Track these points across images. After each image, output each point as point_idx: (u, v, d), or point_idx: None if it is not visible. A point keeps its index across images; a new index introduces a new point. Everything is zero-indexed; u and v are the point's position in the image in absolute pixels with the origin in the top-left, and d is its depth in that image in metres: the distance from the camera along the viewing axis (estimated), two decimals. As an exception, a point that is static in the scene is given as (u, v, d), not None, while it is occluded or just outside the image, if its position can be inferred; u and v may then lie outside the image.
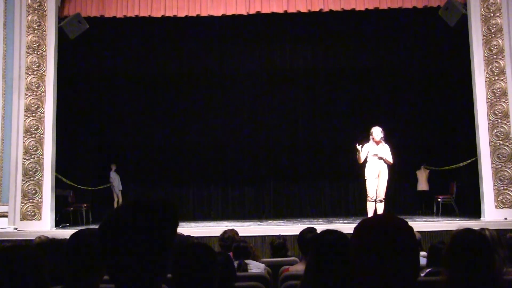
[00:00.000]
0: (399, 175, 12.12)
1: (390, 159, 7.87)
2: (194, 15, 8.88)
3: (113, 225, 1.23)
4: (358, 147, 7.81)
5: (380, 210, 7.78)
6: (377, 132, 7.87)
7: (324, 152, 12.28)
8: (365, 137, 8.22)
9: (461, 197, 10.62)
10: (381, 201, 7.81)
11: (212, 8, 8.82)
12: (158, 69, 12.16)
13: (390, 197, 11.73)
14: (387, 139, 8.14)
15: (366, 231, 1.33)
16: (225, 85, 12.64)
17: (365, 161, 7.92)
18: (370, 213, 7.87)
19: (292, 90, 12.59)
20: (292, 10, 8.86)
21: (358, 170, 8.64)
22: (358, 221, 1.43)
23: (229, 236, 4.68)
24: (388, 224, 1.32)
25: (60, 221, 9.47)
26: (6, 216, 8.06)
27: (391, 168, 11.84)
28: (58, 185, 9.08)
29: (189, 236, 4.99)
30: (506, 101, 8.12)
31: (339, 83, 12.54)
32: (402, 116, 12.30)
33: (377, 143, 7.85)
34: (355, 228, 1.37)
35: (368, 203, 7.89)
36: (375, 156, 7.77)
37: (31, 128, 8.23)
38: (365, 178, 7.92)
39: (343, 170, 12.07)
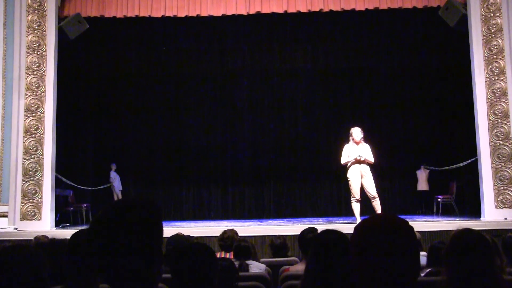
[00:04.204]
0: (399, 175, 12.15)
1: (372, 159, 7.87)
2: (194, 15, 8.88)
3: (101, 226, 1.24)
4: (360, 157, 7.81)
5: (378, 207, 7.78)
6: (357, 132, 7.89)
7: (324, 152, 12.27)
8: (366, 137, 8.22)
9: (461, 197, 10.63)
10: (374, 198, 7.81)
11: (212, 8, 8.82)
12: (158, 69, 12.16)
13: (390, 197, 11.81)
14: (365, 138, 8.11)
15: (367, 230, 1.33)
16: (225, 85, 12.65)
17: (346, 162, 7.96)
18: (356, 213, 7.90)
19: (292, 90, 12.59)
20: (292, 10, 8.86)
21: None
22: (358, 221, 1.43)
23: (229, 236, 4.68)
24: (389, 224, 1.32)
25: (60, 221, 9.47)
26: (6, 216, 8.06)
27: (392, 168, 11.95)
28: (58, 185, 9.08)
29: (189, 236, 4.99)
30: (506, 101, 8.12)
31: (339, 83, 12.56)
32: (402, 116, 12.31)
33: (357, 143, 7.87)
34: (356, 228, 1.37)
35: (353, 203, 7.89)
36: (359, 159, 7.77)
37: (31, 128, 8.23)
38: (348, 179, 7.93)
39: (343, 170, 12.07)
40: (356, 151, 7.82)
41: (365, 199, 8.06)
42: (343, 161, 7.96)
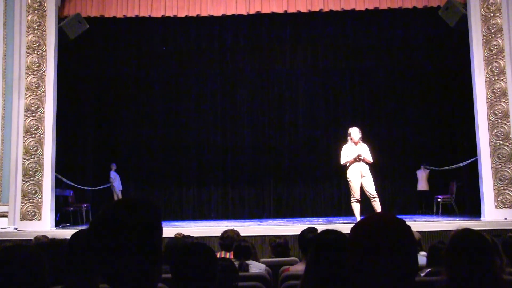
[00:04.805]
0: (399, 175, 12.15)
1: (370, 158, 7.91)
2: (194, 15, 8.88)
3: (100, 226, 1.24)
4: (359, 156, 7.82)
5: (378, 207, 7.80)
6: (355, 132, 7.92)
7: (324, 152, 12.27)
8: (366, 137, 8.22)
9: (461, 197, 10.63)
10: (373, 198, 7.83)
11: (212, 8, 8.83)
12: (158, 69, 12.16)
13: (390, 197, 11.81)
14: (365, 138, 8.14)
15: (363, 230, 1.33)
16: (225, 85, 12.66)
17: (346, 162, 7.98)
18: (356, 213, 7.94)
19: (292, 90, 12.60)
20: (292, 10, 8.86)
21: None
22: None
23: (229, 236, 4.68)
24: (386, 223, 1.32)
25: (60, 221, 9.47)
26: (6, 216, 8.05)
27: (392, 168, 11.95)
28: (58, 185, 9.08)
29: (189, 236, 4.99)
30: (506, 101, 8.12)
31: (339, 83, 12.57)
32: (402, 116, 12.31)
33: (356, 143, 7.90)
34: (353, 228, 1.37)
35: (353, 203, 7.91)
36: (359, 157, 7.80)
37: (31, 128, 8.23)
38: (348, 179, 7.94)
39: (343, 170, 12.07)
40: (355, 151, 7.84)
41: (365, 199, 8.07)
42: (342, 161, 7.98)
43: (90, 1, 8.77)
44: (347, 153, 7.92)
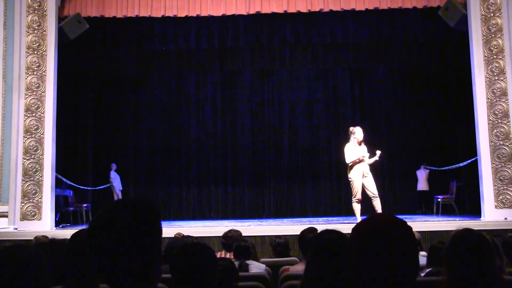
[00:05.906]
0: (399, 175, 12.16)
1: (371, 160, 7.93)
2: (194, 15, 8.89)
3: (100, 226, 1.24)
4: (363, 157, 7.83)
5: (378, 206, 7.80)
6: (359, 132, 7.91)
7: (324, 152, 12.28)
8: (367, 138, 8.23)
9: (461, 197, 10.63)
10: (375, 197, 7.83)
11: (212, 8, 8.83)
12: (157, 69, 12.16)
13: (390, 197, 11.82)
14: (364, 138, 8.16)
15: (365, 231, 1.33)
16: (225, 85, 12.66)
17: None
18: (357, 213, 7.93)
19: (292, 89, 12.60)
20: (292, 10, 8.86)
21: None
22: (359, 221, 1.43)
23: (231, 236, 4.69)
24: (387, 224, 1.32)
25: (60, 221, 9.47)
26: (6, 216, 8.05)
27: (392, 168, 11.96)
28: (58, 185, 9.08)
29: (189, 236, 5.00)
30: (506, 101, 8.12)
31: (339, 83, 12.57)
32: (402, 116, 12.31)
33: (359, 143, 7.89)
34: (353, 229, 1.37)
35: (354, 204, 7.90)
36: (363, 159, 7.80)
37: (31, 128, 8.23)
38: (351, 179, 7.92)
39: (343, 170, 12.08)
40: (360, 152, 7.84)
41: (365, 199, 8.07)
42: (350, 160, 7.91)
43: (90, 1, 8.77)
44: (353, 152, 7.89)
